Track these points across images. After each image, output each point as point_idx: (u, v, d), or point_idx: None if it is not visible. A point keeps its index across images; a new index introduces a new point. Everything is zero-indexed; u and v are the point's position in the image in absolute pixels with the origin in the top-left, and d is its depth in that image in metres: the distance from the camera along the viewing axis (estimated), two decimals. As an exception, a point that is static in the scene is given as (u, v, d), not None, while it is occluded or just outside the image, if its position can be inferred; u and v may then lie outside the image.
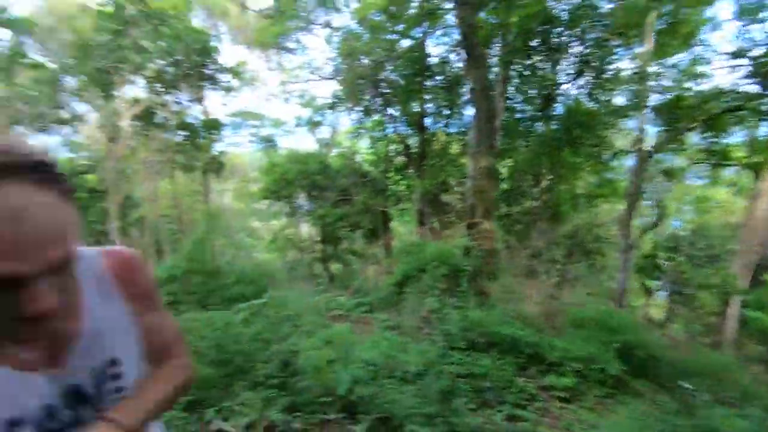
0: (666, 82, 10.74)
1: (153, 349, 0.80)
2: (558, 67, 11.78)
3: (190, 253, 7.00)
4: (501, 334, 4.75)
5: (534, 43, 10.91)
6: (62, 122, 18.09)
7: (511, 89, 11.78)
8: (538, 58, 11.72)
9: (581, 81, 11.65)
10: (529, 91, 12.19)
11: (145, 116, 14.27)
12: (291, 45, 13.66)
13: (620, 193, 12.22)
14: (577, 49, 11.04)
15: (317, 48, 41.54)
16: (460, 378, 3.65)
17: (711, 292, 11.21)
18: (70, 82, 15.27)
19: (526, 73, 12.03)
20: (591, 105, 11.52)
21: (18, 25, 3.37)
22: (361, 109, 13.50)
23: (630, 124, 11.71)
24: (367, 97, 13.27)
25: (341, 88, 13.57)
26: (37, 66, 4.13)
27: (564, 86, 11.98)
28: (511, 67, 10.92)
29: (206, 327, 3.39)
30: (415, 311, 5.92)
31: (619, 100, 11.86)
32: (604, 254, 13.09)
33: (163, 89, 14.20)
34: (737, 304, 9.75)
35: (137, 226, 19.26)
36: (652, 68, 10.11)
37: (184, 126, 15.42)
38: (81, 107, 17.63)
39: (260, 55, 18.66)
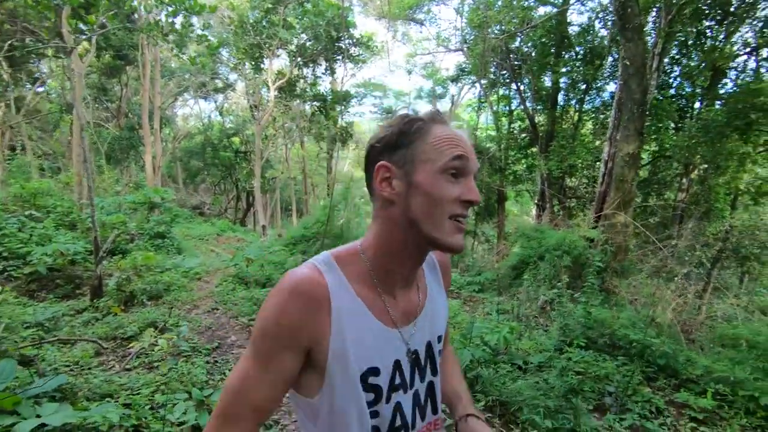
0: None
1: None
2: (734, 36, 9.82)
3: (320, 216, 7.74)
4: (628, 338, 4.41)
5: (705, 6, 9.20)
6: (216, 90, 20.88)
7: (665, 62, 10.20)
8: (708, 23, 9.88)
9: (765, 52, 9.56)
10: (690, 65, 10.43)
11: (288, 87, 15.69)
12: (421, 16, 13.59)
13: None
14: (765, 12, 9.01)
15: (446, 19, 40.47)
16: (578, 375, 3.52)
17: None
18: (226, 55, 17.42)
19: (690, 42, 10.28)
20: (775, 83, 9.41)
21: (197, 10, 3.94)
22: (486, 82, 12.99)
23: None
24: (494, 70, 12.70)
25: (467, 59, 13.16)
26: (209, 44, 4.81)
27: (739, 59, 9.98)
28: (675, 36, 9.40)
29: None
30: (531, 299, 5.77)
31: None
32: (764, 263, 10.97)
33: (303, 62, 15.36)
34: None
35: (270, 185, 21.62)
36: None
37: (318, 97, 16.62)
38: (231, 77, 20.11)
39: (387, 27, 18.95)
